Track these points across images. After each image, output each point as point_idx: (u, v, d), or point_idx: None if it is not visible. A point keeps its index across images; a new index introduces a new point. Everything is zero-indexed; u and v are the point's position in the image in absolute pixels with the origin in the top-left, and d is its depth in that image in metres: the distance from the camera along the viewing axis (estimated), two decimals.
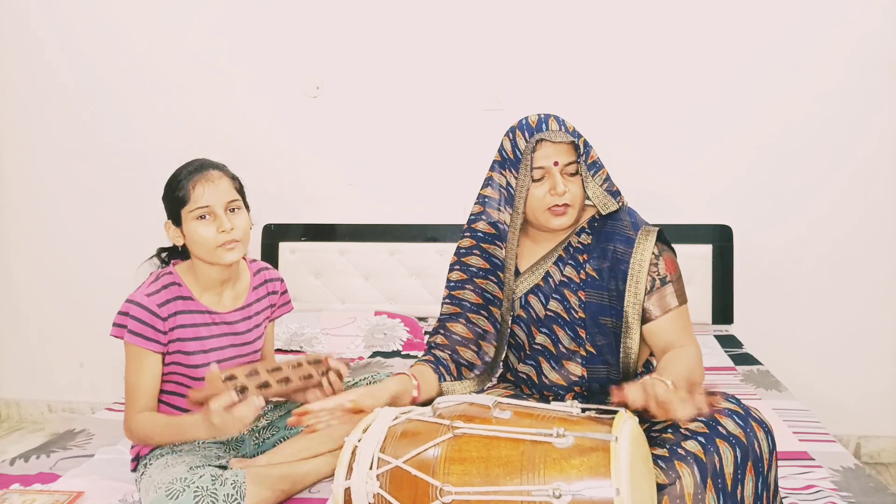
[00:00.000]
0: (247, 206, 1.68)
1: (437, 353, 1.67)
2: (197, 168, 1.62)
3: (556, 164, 1.57)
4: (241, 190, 1.68)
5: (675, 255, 1.63)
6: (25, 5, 3.31)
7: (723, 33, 2.95)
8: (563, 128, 1.59)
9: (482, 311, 1.68)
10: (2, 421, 3.50)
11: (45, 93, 3.35)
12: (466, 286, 1.70)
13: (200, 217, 1.59)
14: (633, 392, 1.20)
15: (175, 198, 1.61)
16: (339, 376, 1.55)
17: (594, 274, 1.61)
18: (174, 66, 3.26)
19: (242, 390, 1.39)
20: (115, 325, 1.59)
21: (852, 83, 2.87)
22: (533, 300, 1.66)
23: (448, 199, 3.15)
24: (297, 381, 1.47)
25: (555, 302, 1.64)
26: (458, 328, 1.68)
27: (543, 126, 1.59)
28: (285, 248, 3.22)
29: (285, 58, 3.20)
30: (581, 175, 1.59)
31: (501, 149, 1.65)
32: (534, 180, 1.59)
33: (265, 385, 1.42)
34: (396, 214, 3.19)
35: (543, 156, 1.58)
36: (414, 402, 1.52)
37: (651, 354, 1.66)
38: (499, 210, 1.67)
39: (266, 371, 1.46)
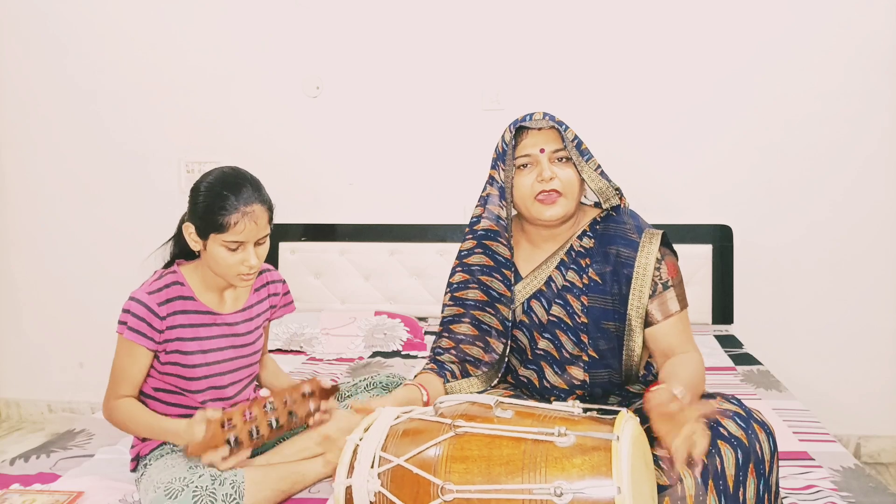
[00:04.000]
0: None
1: (441, 358, 1.67)
2: (240, 196, 1.55)
3: (542, 151, 1.57)
4: (272, 217, 1.64)
5: (677, 259, 1.63)
6: (25, 5, 3.31)
7: (723, 33, 2.95)
8: (548, 117, 1.59)
9: (488, 308, 1.67)
10: (2, 421, 3.50)
11: (44, 93, 3.35)
12: (470, 285, 1.69)
13: (230, 248, 1.57)
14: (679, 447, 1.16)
15: (210, 220, 1.55)
16: (327, 412, 1.59)
17: (597, 278, 1.60)
18: (174, 66, 3.26)
19: (237, 442, 1.46)
20: (119, 322, 1.60)
21: (853, 83, 2.87)
22: (535, 305, 1.65)
23: (448, 199, 3.16)
24: (286, 423, 1.54)
25: (557, 307, 1.63)
26: (463, 328, 1.67)
27: (528, 117, 1.61)
28: (285, 248, 3.22)
29: (285, 58, 3.20)
30: (574, 161, 1.58)
31: (496, 146, 1.66)
32: (519, 168, 1.59)
33: (258, 432, 1.49)
34: (396, 214, 3.20)
35: (529, 144, 1.58)
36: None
37: (650, 357, 1.66)
38: (500, 206, 1.66)
39: (262, 412, 1.49)
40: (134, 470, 1.67)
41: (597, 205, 1.69)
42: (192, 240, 1.61)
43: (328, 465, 1.56)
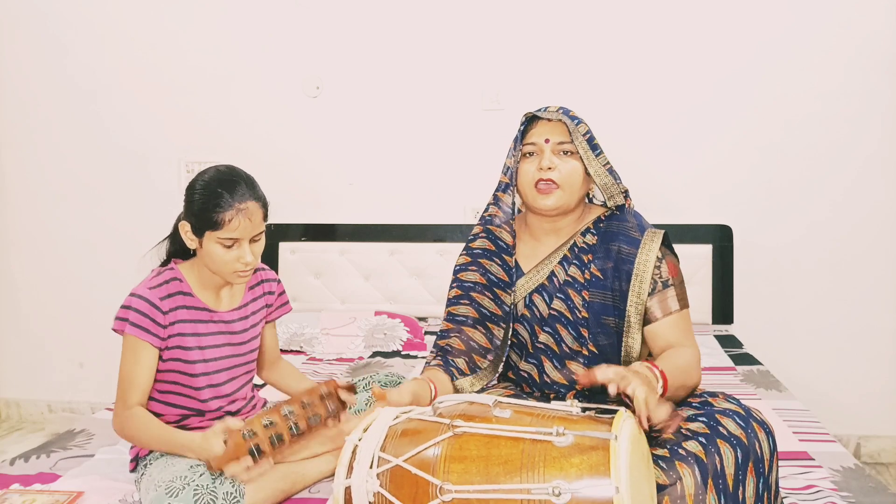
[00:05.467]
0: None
1: (446, 346, 1.67)
2: (234, 194, 1.55)
3: (546, 141, 1.60)
4: (266, 214, 1.64)
5: (678, 261, 1.64)
6: (25, 5, 3.31)
7: (724, 33, 2.95)
8: (561, 110, 1.62)
9: (486, 292, 1.68)
10: (2, 421, 3.50)
11: (44, 93, 3.35)
12: (470, 268, 1.72)
13: (225, 245, 1.58)
14: (602, 372, 1.23)
15: (206, 217, 1.56)
16: (345, 408, 1.55)
17: (598, 274, 1.62)
18: (174, 66, 3.26)
19: (259, 451, 1.43)
20: (117, 318, 1.59)
21: (853, 83, 2.87)
22: (537, 299, 1.66)
23: (448, 199, 3.16)
24: (306, 428, 1.49)
25: (558, 301, 1.64)
26: (462, 309, 1.69)
27: (543, 108, 1.65)
28: (285, 248, 3.22)
29: (285, 58, 3.20)
30: (581, 155, 1.60)
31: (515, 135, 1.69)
32: (525, 156, 1.63)
33: (279, 438, 1.45)
34: (396, 214, 3.20)
35: (536, 133, 1.62)
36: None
37: (650, 355, 1.66)
38: (507, 193, 1.70)
39: (281, 417, 1.46)
40: (134, 470, 1.67)
41: (604, 205, 1.71)
42: (188, 238, 1.61)
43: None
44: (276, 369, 1.90)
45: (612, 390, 1.20)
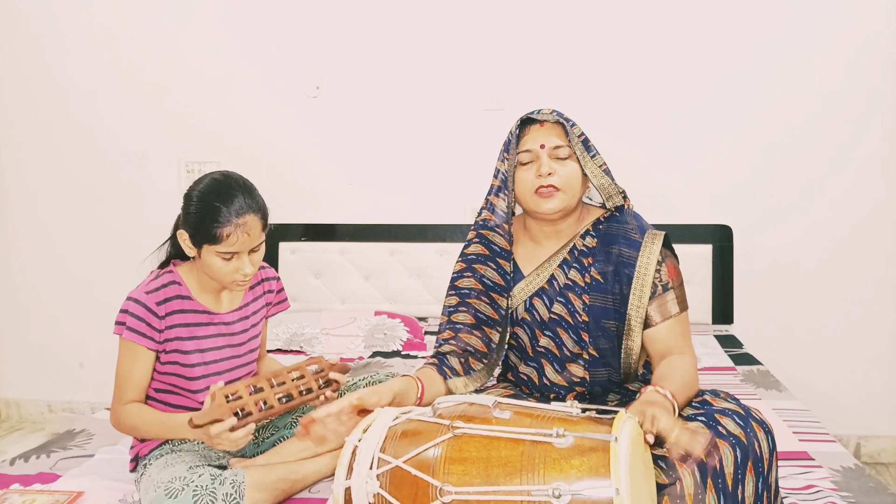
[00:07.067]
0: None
1: (443, 349, 1.67)
2: (232, 207, 1.53)
3: (542, 146, 1.59)
4: (266, 224, 1.62)
5: (678, 262, 1.63)
6: (25, 5, 3.31)
7: (724, 33, 2.95)
8: (556, 113, 1.61)
9: (483, 297, 1.68)
10: (2, 421, 3.50)
11: (44, 93, 3.35)
12: (465, 274, 1.71)
13: (224, 258, 1.57)
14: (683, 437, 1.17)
15: (203, 231, 1.54)
16: (337, 388, 1.54)
17: (598, 277, 1.61)
18: (174, 66, 3.26)
19: (245, 413, 1.40)
20: (116, 322, 1.60)
21: (853, 83, 2.87)
22: (537, 303, 1.66)
23: (448, 199, 3.16)
24: (297, 397, 1.47)
25: (559, 305, 1.63)
26: (460, 317, 1.69)
27: (536, 111, 1.63)
28: (285, 248, 3.22)
29: (285, 58, 3.20)
30: (577, 156, 1.59)
31: (505, 139, 1.67)
32: (521, 164, 1.61)
33: (267, 405, 1.42)
34: (396, 214, 3.20)
35: (531, 139, 1.61)
36: (418, 404, 1.51)
37: (649, 356, 1.66)
38: (500, 198, 1.68)
39: (269, 386, 1.44)
40: (133, 470, 1.67)
41: (602, 206, 1.70)
42: (187, 246, 1.61)
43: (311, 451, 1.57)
44: (260, 365, 1.90)
45: (650, 439, 1.17)
